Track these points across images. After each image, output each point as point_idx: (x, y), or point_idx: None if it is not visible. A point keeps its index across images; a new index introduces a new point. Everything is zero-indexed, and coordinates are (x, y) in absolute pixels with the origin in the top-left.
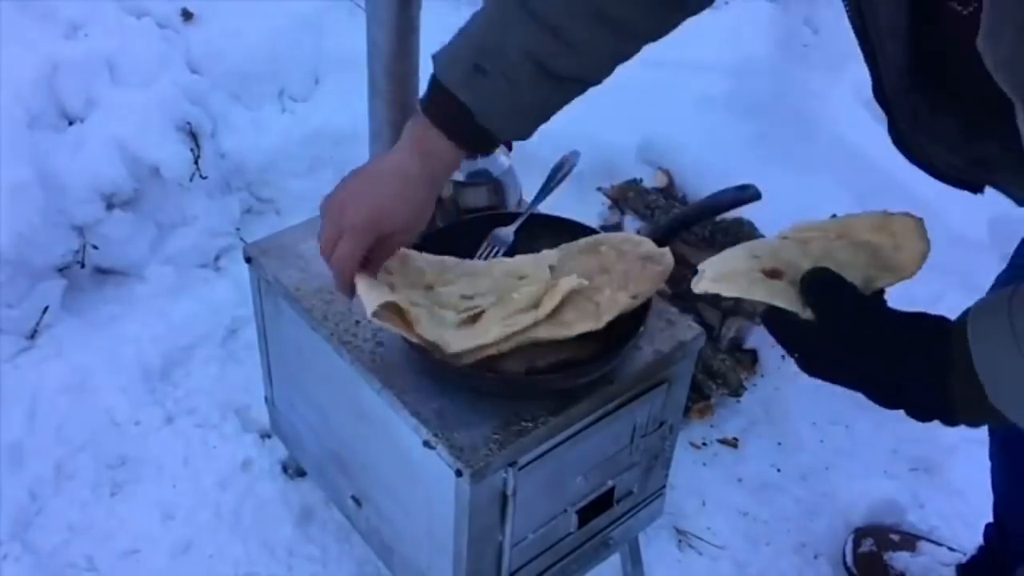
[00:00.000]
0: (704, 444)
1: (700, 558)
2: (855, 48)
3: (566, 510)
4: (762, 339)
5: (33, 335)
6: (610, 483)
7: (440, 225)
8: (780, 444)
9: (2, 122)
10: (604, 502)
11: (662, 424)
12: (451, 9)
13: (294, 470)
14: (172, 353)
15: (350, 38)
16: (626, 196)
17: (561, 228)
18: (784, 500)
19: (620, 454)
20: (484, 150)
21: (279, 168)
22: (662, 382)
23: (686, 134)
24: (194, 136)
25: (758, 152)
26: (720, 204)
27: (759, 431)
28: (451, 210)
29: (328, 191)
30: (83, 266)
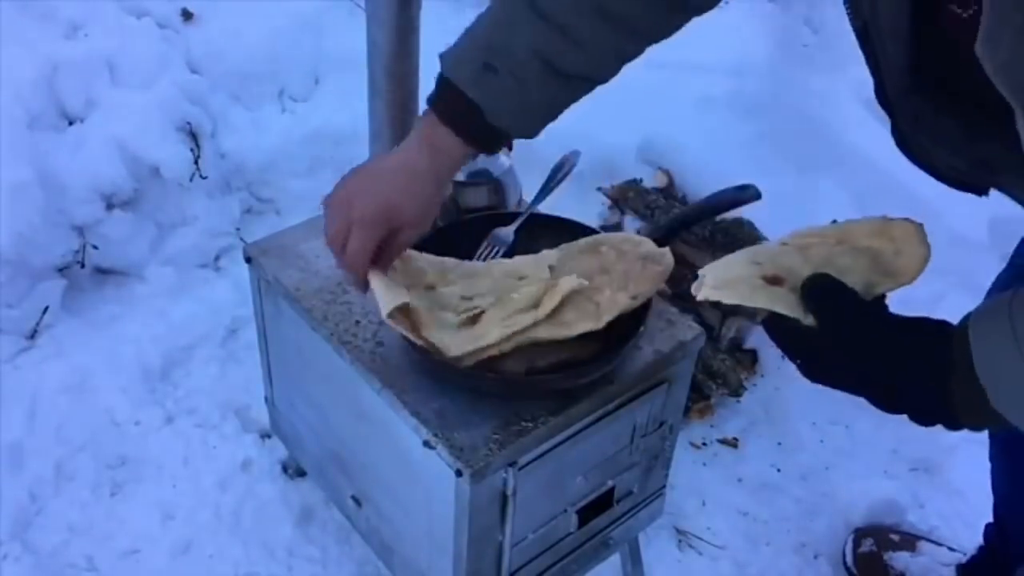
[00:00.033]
0: (704, 444)
1: (700, 558)
2: (855, 48)
3: (566, 510)
4: (762, 339)
5: (33, 335)
6: (610, 483)
7: (440, 225)
8: (780, 444)
9: (2, 122)
10: (604, 502)
11: (662, 424)
12: (451, 9)
13: (294, 470)
14: (172, 353)
15: (350, 38)
16: (626, 196)
17: (561, 228)
18: (784, 500)
19: (620, 454)
20: (491, 148)
21: (279, 168)
22: (662, 382)
23: (686, 134)
24: (194, 136)
25: (758, 152)
26: (720, 204)
27: (759, 431)
28: (451, 210)
29: (328, 191)
30: (83, 266)
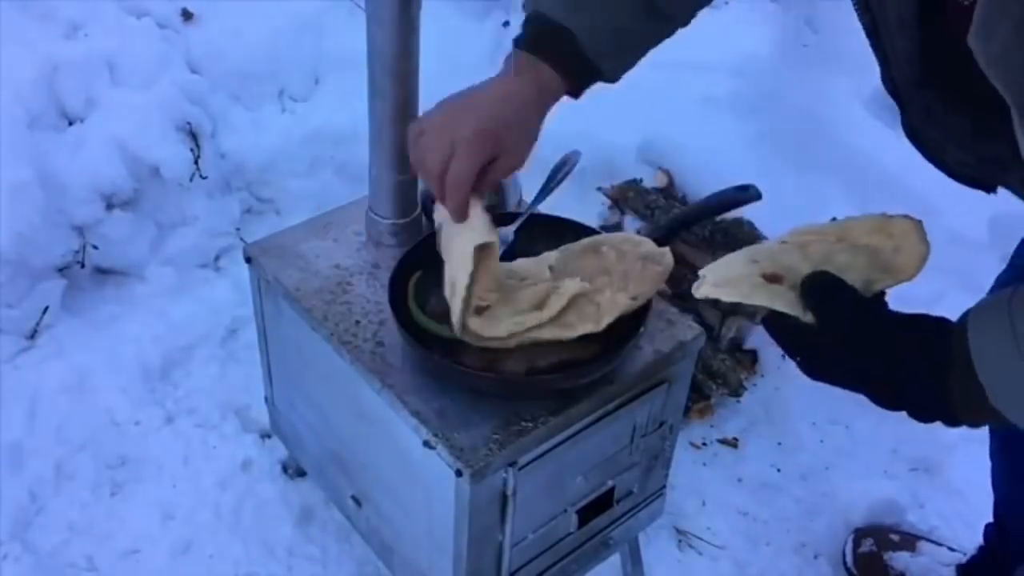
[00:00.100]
0: (704, 444)
1: (700, 558)
2: (855, 48)
3: (566, 510)
4: (762, 339)
5: (33, 335)
6: (610, 483)
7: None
8: (780, 444)
9: (2, 122)
10: (604, 502)
11: (662, 424)
12: (451, 9)
13: (294, 470)
14: (172, 353)
15: (350, 38)
16: (626, 196)
17: (561, 228)
18: (784, 500)
19: (620, 454)
20: (582, 81)
21: (279, 168)
22: (662, 382)
23: (686, 134)
24: (194, 136)
25: (758, 152)
26: (720, 204)
27: (759, 431)
28: None
29: (328, 191)
30: (83, 266)
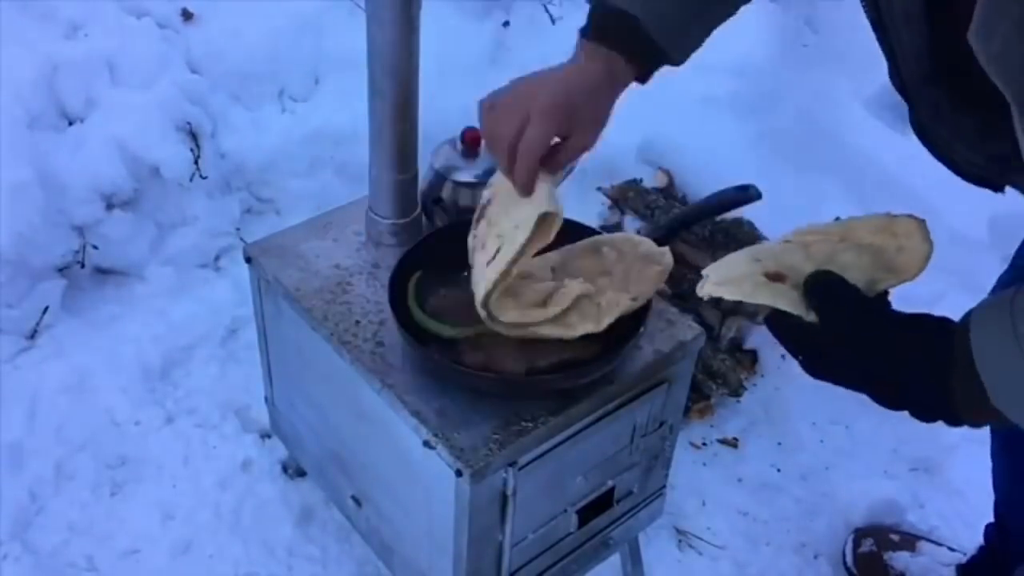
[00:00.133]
0: (704, 444)
1: (700, 558)
2: (855, 48)
3: (566, 510)
4: (762, 339)
5: (33, 335)
6: (610, 483)
7: (440, 225)
8: (780, 444)
9: (2, 122)
10: (604, 502)
11: (662, 424)
12: (451, 9)
13: (294, 470)
14: (172, 353)
15: (350, 38)
16: (626, 196)
17: (561, 228)
18: (784, 500)
19: (620, 454)
20: (649, 64)
21: (279, 168)
22: (662, 382)
23: (686, 134)
24: (194, 136)
25: (758, 152)
26: (720, 204)
27: (759, 431)
28: (451, 210)
29: (328, 191)
30: (83, 266)
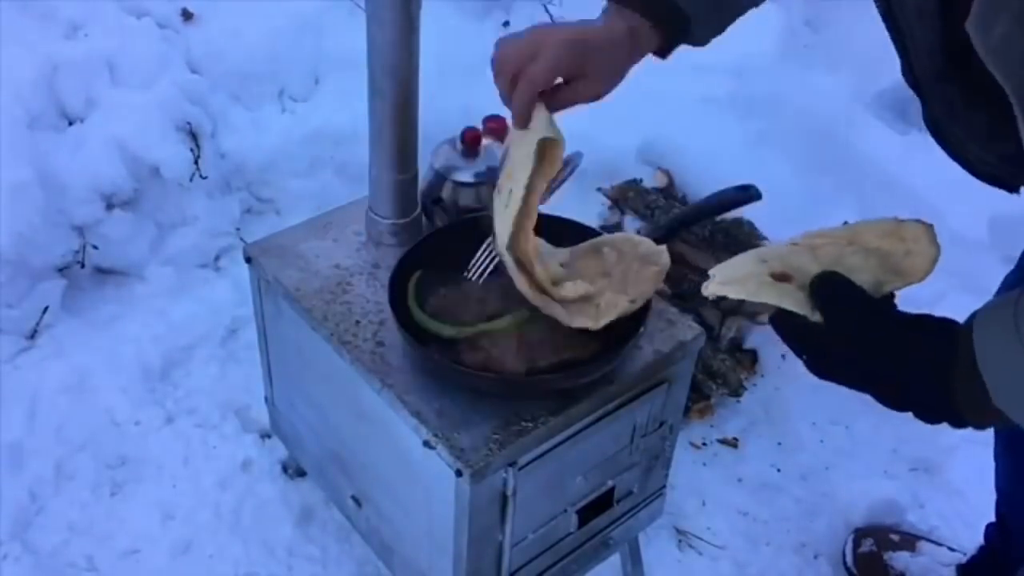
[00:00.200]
0: (704, 444)
1: (700, 558)
2: (855, 48)
3: (566, 510)
4: (762, 339)
5: (33, 335)
6: (610, 483)
7: (440, 225)
8: (780, 444)
9: (2, 122)
10: (604, 502)
11: (662, 424)
12: (451, 9)
13: (294, 470)
14: (172, 353)
15: (350, 38)
16: (626, 196)
17: (562, 228)
18: (784, 500)
19: (620, 454)
20: (671, 32)
21: (279, 168)
22: (662, 382)
23: (686, 134)
24: (194, 136)
25: (758, 152)
26: (720, 204)
27: (759, 431)
28: (451, 210)
29: (328, 191)
30: (83, 266)
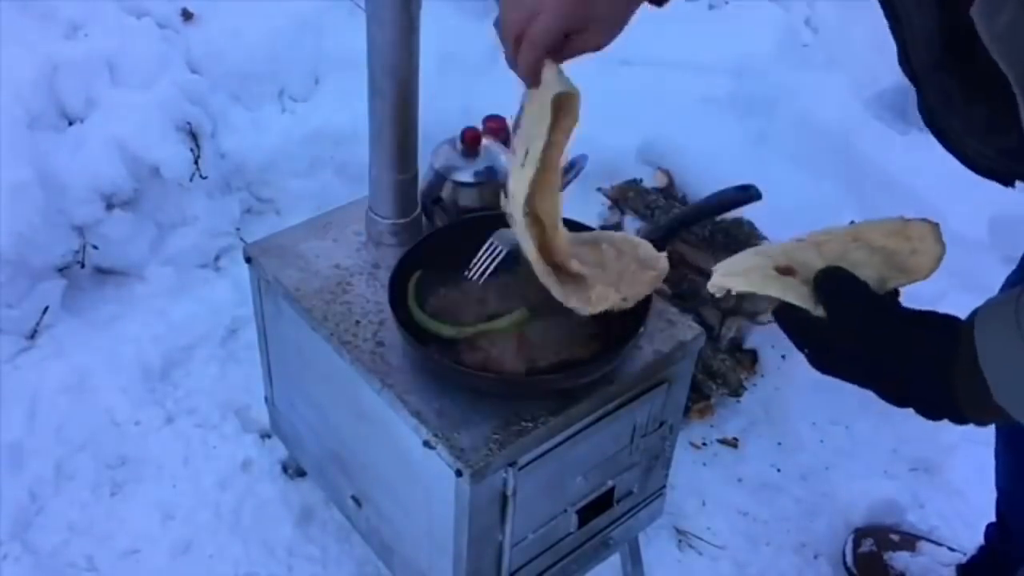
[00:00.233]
0: (704, 444)
1: (700, 558)
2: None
3: (566, 510)
4: (762, 339)
5: (33, 335)
6: (610, 483)
7: (440, 225)
8: (780, 444)
9: (2, 122)
10: (604, 502)
11: (662, 424)
12: (451, 9)
13: (294, 470)
14: (172, 353)
15: (350, 38)
16: (626, 196)
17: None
18: (784, 500)
19: (620, 454)
20: None
21: (279, 168)
22: (662, 382)
23: (686, 134)
24: (194, 136)
25: (758, 152)
26: (720, 204)
27: (759, 431)
28: (451, 210)
29: (328, 191)
30: (83, 266)
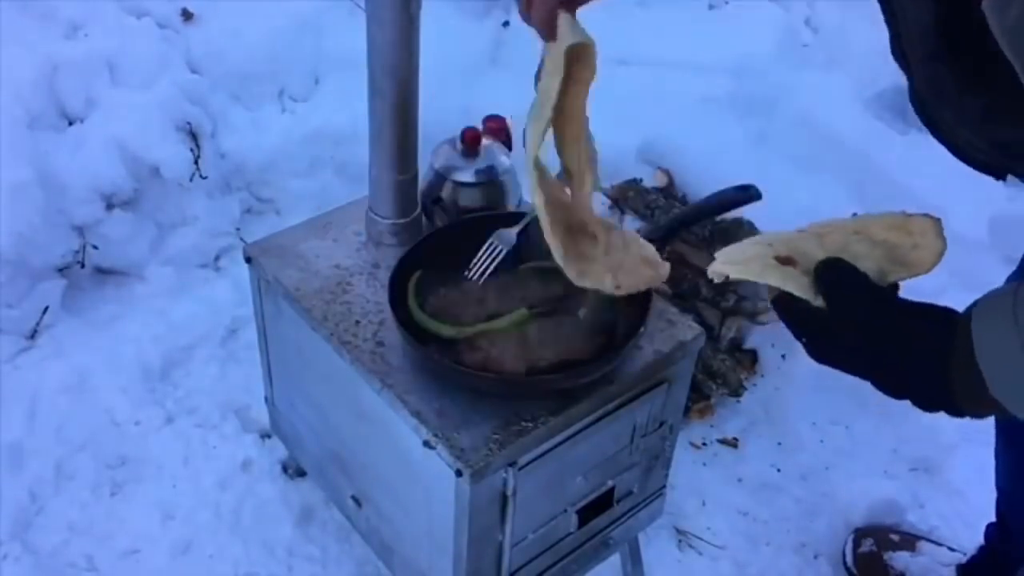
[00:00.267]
0: (704, 444)
1: (700, 558)
2: (855, 48)
3: (566, 510)
4: (762, 339)
5: (33, 335)
6: (610, 483)
7: (440, 225)
8: (780, 444)
9: (2, 122)
10: (604, 502)
11: (662, 424)
12: (451, 9)
13: (294, 470)
14: (172, 353)
15: (350, 38)
16: (626, 196)
17: None
18: (784, 500)
19: (620, 454)
20: None
21: (279, 168)
22: (662, 382)
23: (686, 134)
24: (194, 136)
25: (758, 152)
26: (720, 204)
27: (759, 431)
28: (451, 210)
29: (328, 191)
30: (83, 266)
